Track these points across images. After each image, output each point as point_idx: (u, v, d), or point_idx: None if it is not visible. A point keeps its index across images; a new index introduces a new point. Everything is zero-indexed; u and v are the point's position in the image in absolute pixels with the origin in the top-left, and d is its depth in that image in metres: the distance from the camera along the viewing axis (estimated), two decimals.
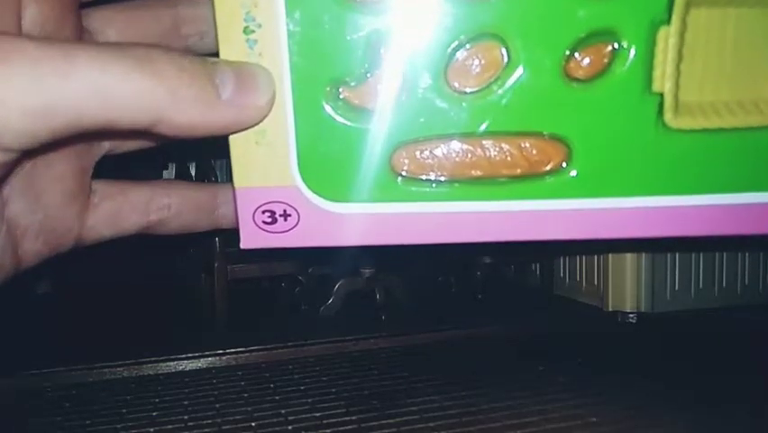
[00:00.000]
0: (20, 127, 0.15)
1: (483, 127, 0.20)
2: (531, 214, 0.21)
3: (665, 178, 0.21)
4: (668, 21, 0.19)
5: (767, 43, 0.20)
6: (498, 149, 0.20)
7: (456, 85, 0.20)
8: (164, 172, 0.49)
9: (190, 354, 0.34)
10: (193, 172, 0.45)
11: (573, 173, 0.20)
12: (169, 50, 0.17)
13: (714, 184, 0.21)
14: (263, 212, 0.21)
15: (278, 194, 0.20)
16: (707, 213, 0.21)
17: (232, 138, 0.20)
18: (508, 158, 0.20)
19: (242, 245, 0.21)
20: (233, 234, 0.23)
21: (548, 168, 0.20)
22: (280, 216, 0.21)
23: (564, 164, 0.20)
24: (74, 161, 0.21)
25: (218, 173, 0.43)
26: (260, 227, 0.21)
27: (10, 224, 0.19)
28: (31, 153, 0.19)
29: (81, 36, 0.21)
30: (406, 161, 0.20)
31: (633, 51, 0.20)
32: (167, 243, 0.24)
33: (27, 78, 0.15)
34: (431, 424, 0.26)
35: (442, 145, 0.20)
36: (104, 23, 0.22)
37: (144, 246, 0.24)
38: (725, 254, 0.42)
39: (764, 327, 0.39)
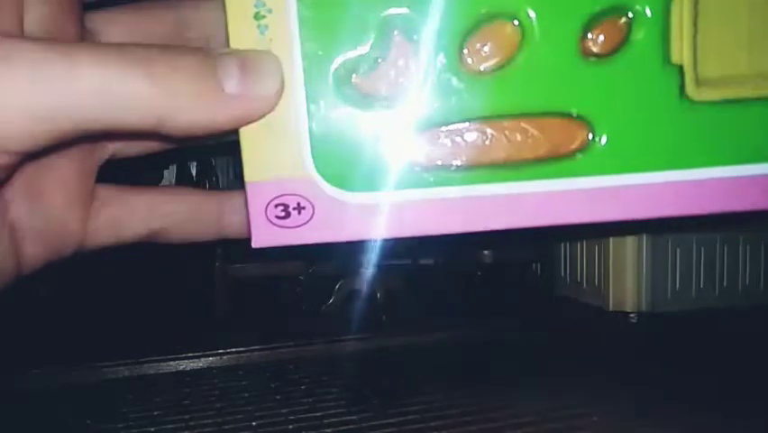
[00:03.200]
0: (21, 130, 0.15)
1: (501, 109, 0.20)
2: (557, 195, 0.20)
3: (692, 151, 0.20)
4: None
5: None
6: (518, 130, 0.20)
7: (471, 66, 0.19)
8: (165, 172, 0.49)
9: (191, 354, 0.34)
10: (194, 172, 0.45)
11: (603, 141, 0.20)
12: (167, 48, 0.17)
13: (742, 154, 0.20)
14: (276, 206, 0.20)
15: (292, 186, 0.20)
16: (738, 184, 0.20)
17: (242, 131, 0.19)
18: (529, 139, 0.20)
19: (254, 244, 0.20)
20: None
21: (573, 147, 0.20)
22: (294, 209, 0.20)
23: (590, 139, 0.20)
24: (77, 165, 0.21)
25: (219, 173, 0.43)
26: (272, 223, 0.20)
27: (12, 227, 0.19)
28: (33, 156, 0.19)
29: (83, 38, 0.20)
30: (424, 147, 0.20)
31: (648, 13, 0.19)
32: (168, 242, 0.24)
33: (28, 79, 0.15)
34: (431, 424, 0.26)
35: (460, 130, 0.20)
36: (106, 25, 0.21)
37: (145, 246, 0.24)
38: (726, 254, 0.42)
39: (764, 327, 0.39)
